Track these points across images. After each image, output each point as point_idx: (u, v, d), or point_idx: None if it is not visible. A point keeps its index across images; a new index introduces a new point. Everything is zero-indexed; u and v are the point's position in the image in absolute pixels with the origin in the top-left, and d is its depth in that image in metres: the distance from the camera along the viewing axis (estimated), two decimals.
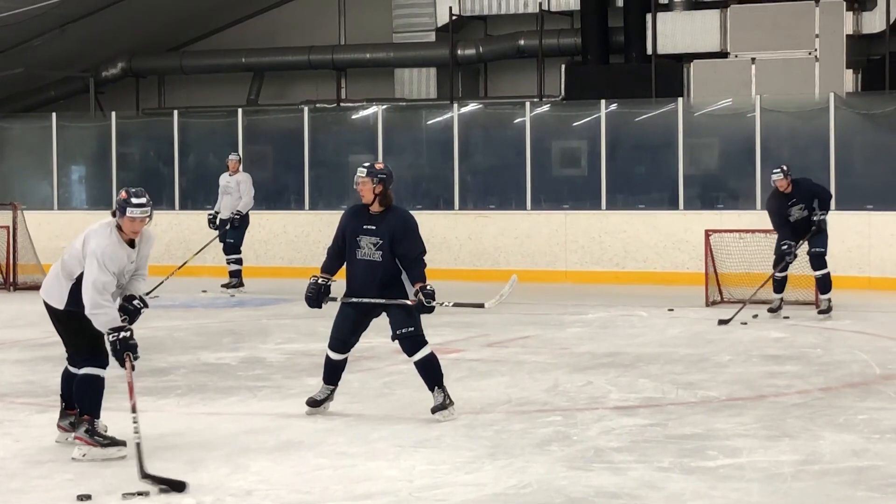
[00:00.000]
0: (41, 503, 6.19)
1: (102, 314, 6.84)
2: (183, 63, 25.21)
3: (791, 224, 13.03)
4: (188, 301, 15.58)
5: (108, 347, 6.92)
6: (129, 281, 7.10)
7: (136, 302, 7.12)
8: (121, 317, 6.95)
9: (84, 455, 6.90)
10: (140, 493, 6.10)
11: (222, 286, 16.50)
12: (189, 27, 25.47)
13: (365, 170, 7.92)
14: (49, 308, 7.14)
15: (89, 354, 7.06)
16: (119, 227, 6.96)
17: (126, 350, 6.85)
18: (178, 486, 6.24)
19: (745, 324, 12.68)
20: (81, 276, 6.92)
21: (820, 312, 13.22)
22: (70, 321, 7.05)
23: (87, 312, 6.84)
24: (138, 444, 6.52)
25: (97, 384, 7.05)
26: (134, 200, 6.90)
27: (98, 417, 7.03)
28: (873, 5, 19.63)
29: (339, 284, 8.07)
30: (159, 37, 25.25)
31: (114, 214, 6.98)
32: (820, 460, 6.83)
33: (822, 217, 12.97)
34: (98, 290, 6.82)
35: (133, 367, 6.90)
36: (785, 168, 13.10)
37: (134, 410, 6.75)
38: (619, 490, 6.20)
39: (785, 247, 12.98)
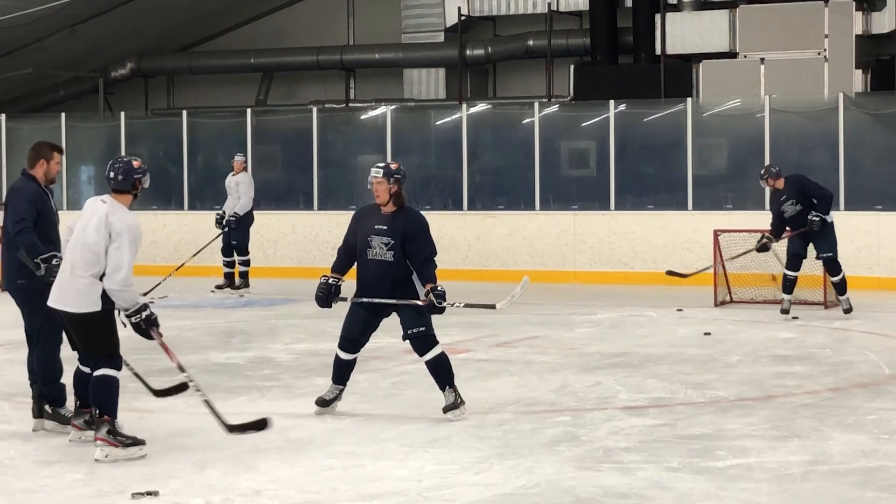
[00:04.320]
0: (51, 503, 6.20)
1: (131, 291, 6.96)
2: (192, 63, 25.26)
3: (787, 221, 13.23)
4: (197, 301, 15.60)
5: (130, 327, 7.03)
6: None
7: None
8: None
9: (107, 456, 6.84)
10: (149, 493, 6.10)
11: (216, 287, 16.39)
12: (198, 28, 25.51)
13: (381, 170, 7.91)
14: (70, 315, 7.04)
15: (107, 356, 7.04)
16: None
17: (151, 326, 7.03)
18: (262, 425, 6.96)
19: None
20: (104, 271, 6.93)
21: (845, 311, 13.29)
22: (98, 323, 7.01)
23: (117, 289, 6.88)
24: (206, 401, 7.02)
25: (114, 385, 7.04)
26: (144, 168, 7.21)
27: (116, 417, 7.03)
28: (883, 5, 19.58)
29: (348, 285, 8.07)
30: (168, 37, 25.30)
31: (133, 187, 7.08)
32: (829, 461, 6.82)
33: (812, 219, 13.00)
34: (131, 268, 6.94)
35: (161, 335, 7.11)
36: (762, 171, 13.39)
37: (182, 369, 7.17)
38: (628, 490, 6.20)
39: (765, 239, 13.31)
